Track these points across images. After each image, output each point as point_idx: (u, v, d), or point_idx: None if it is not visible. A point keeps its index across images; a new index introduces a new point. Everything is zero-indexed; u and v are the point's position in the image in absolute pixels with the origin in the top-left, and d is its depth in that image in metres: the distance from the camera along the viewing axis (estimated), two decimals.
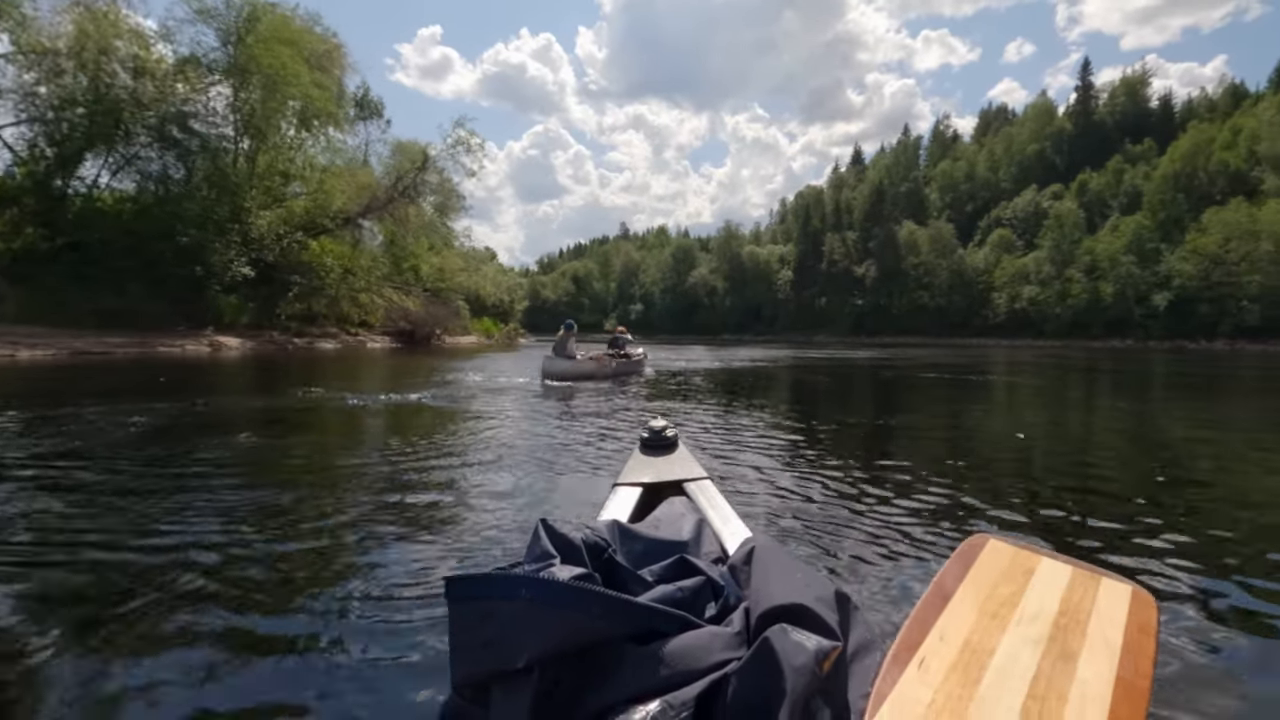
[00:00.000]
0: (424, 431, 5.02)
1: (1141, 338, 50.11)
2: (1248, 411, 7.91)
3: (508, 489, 3.19)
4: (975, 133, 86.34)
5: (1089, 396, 9.58)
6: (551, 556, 1.05)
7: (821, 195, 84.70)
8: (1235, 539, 2.52)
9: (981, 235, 68.42)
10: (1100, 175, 62.11)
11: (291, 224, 22.14)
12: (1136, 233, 52.95)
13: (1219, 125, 56.01)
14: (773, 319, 79.08)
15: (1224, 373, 16.01)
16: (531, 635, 0.83)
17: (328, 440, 4.91)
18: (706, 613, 1.04)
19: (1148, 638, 0.95)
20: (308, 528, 2.55)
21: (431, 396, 7.60)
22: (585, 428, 5.28)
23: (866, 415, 6.83)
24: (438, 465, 3.71)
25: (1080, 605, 1.01)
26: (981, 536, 1.22)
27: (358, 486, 3.21)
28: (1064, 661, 0.90)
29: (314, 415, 6.16)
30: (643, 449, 2.21)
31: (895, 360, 19.83)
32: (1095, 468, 4.12)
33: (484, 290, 36.52)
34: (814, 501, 3.00)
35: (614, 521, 1.34)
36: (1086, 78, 73.07)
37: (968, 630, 0.98)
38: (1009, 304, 59.74)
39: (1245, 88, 62.57)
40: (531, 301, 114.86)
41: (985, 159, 76.81)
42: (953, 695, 0.85)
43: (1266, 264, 43.91)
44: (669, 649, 0.86)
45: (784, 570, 1.06)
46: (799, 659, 0.80)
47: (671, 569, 1.16)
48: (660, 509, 1.69)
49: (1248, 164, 51.43)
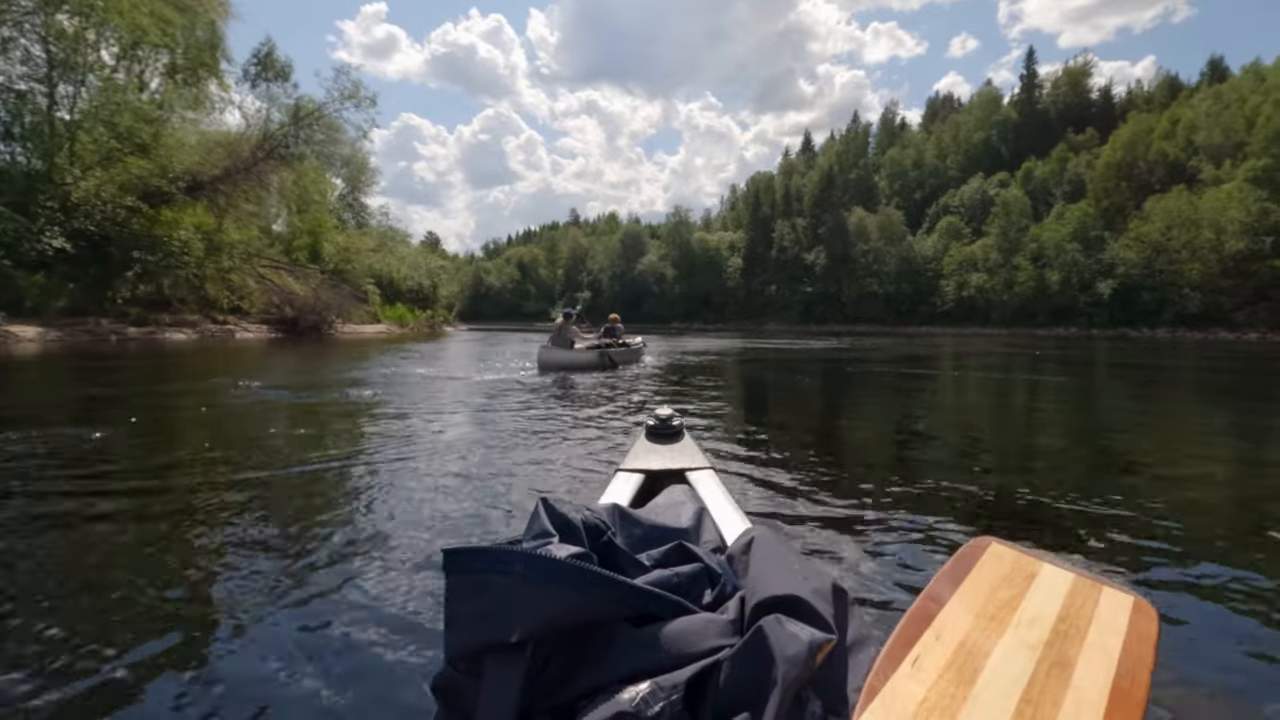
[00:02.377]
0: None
1: (1085, 326, 50.04)
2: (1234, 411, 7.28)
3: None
4: (923, 121, 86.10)
5: (1071, 392, 9.03)
6: (550, 535, 1.06)
7: (772, 181, 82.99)
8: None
9: (930, 223, 67.91)
10: (1045, 163, 62.15)
11: (134, 189, 17.99)
12: (1081, 220, 52.87)
13: (1157, 116, 56.51)
14: (722, 307, 77.40)
15: (1186, 364, 14.75)
16: (526, 610, 0.83)
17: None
18: (703, 600, 1.04)
19: (1147, 649, 0.94)
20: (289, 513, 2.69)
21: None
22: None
23: (846, 413, 6.65)
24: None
25: (1080, 613, 1.00)
26: (984, 539, 1.21)
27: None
28: (1060, 668, 0.89)
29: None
30: (648, 436, 2.22)
31: (854, 352, 17.60)
32: (1104, 467, 4.06)
33: (397, 273, 32.65)
34: (810, 498, 3.01)
35: (614, 505, 1.35)
36: (1031, 67, 73.27)
37: (964, 631, 0.97)
38: (957, 291, 59.23)
39: (1181, 80, 63.81)
40: (475, 289, 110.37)
41: (933, 146, 76.44)
42: (945, 694, 0.85)
43: (1207, 252, 44.00)
44: (663, 632, 0.87)
45: (781, 561, 1.05)
46: (792, 649, 0.80)
47: (669, 555, 1.17)
48: (661, 496, 1.73)
49: (1185, 153, 51.90)
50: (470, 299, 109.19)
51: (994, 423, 6.10)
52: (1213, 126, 50.09)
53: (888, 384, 9.68)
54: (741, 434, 4.74)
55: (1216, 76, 59.95)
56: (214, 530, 2.47)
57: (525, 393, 7.22)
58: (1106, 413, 6.98)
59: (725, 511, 1.58)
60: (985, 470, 3.86)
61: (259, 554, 2.20)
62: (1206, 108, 51.86)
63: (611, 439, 4.39)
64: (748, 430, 4.96)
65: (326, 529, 2.46)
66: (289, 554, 2.21)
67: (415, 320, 32.82)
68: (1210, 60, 62.03)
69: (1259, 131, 45.86)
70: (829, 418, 6.14)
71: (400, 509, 2.73)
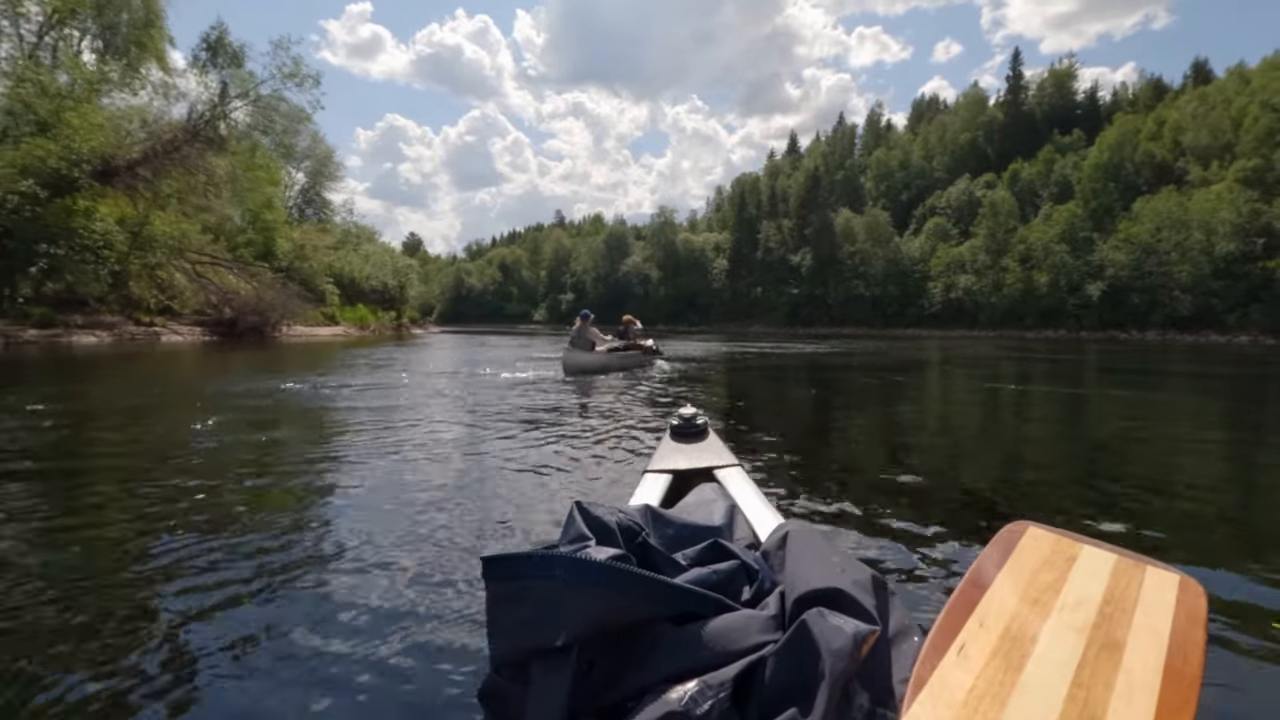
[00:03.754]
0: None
1: (1075, 328, 49.16)
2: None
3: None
4: (909, 122, 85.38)
5: (1070, 391, 9.06)
6: (587, 538, 1.07)
7: (758, 182, 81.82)
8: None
9: (916, 224, 66.96)
10: (1031, 165, 61.38)
11: (38, 174, 15.93)
12: (1070, 221, 52.03)
13: (1143, 117, 55.97)
14: (707, 308, 76.09)
15: (1177, 369, 13.70)
16: (568, 614, 0.84)
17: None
18: (742, 596, 1.04)
19: (1197, 627, 0.92)
20: (334, 511, 2.70)
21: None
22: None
23: (856, 414, 6.45)
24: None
25: (1125, 593, 0.99)
26: (1020, 524, 1.19)
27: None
28: (1109, 650, 0.88)
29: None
30: (673, 436, 2.21)
31: (845, 356, 16.14)
32: (1125, 461, 4.08)
33: (358, 272, 30.70)
34: (837, 493, 2.98)
35: (646, 506, 1.34)
36: (1017, 68, 72.63)
37: (1008, 617, 0.95)
38: (944, 293, 58.22)
39: (1165, 83, 63.44)
40: (456, 290, 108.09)
41: (920, 147, 75.61)
42: (994, 681, 0.83)
43: (1197, 253, 43.17)
44: (706, 630, 0.87)
45: (819, 555, 1.05)
46: (837, 642, 0.80)
47: (705, 553, 1.16)
48: (691, 495, 1.70)
49: (1172, 155, 51.32)
50: (451, 300, 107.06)
51: (1001, 421, 6.10)
52: (1199, 128, 49.55)
53: (886, 387, 9.30)
54: (759, 434, 4.69)
55: (1201, 79, 59.59)
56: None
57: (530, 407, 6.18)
58: (1105, 409, 6.85)
59: (757, 508, 1.57)
60: (1005, 462, 3.89)
61: (263, 566, 2.08)
62: (1193, 109, 51.39)
63: (635, 442, 4.22)
64: (765, 431, 4.90)
65: (316, 546, 2.31)
66: (307, 568, 2.08)
67: (378, 322, 30.82)
68: (1194, 63, 61.77)
69: (1247, 132, 45.28)
70: (840, 418, 6.08)
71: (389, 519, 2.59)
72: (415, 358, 14.26)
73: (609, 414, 5.56)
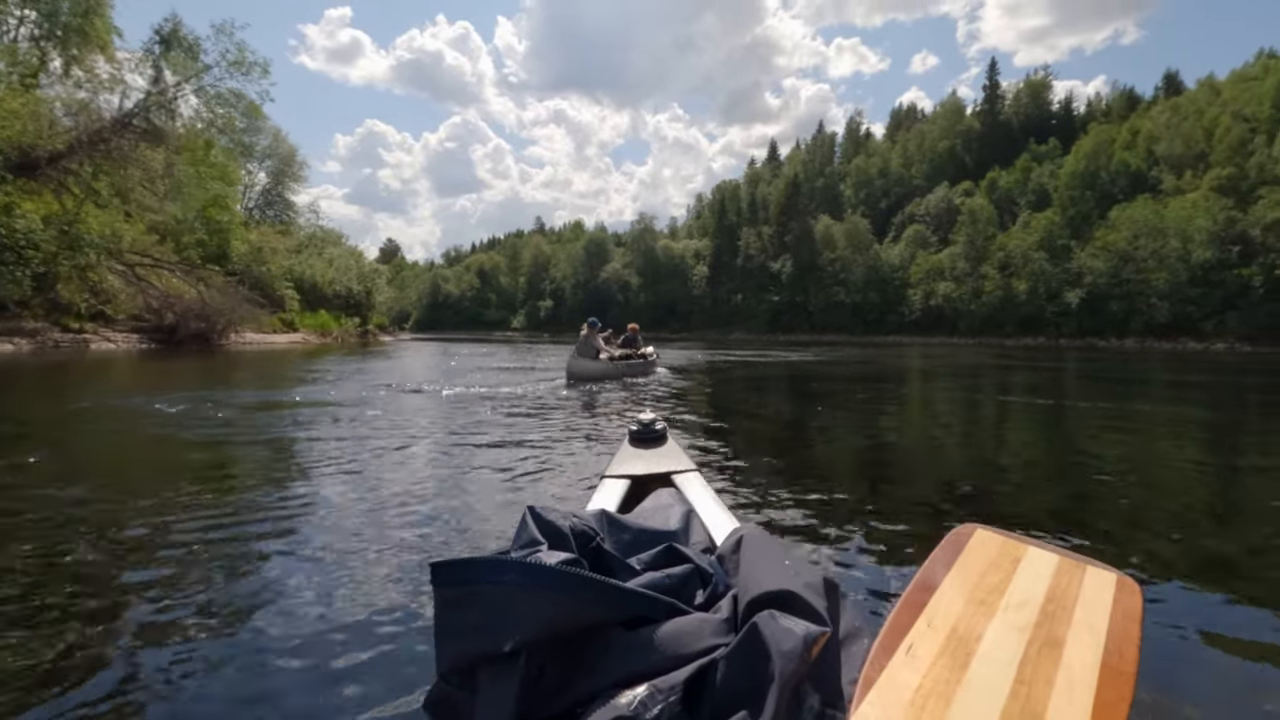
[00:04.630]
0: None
1: (1054, 335, 49.15)
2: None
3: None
4: (888, 130, 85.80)
5: (1051, 399, 8.92)
6: (539, 543, 1.06)
7: (738, 189, 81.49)
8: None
9: (896, 231, 66.98)
10: (1009, 173, 61.71)
11: None
12: (1048, 229, 52.15)
13: (1117, 127, 56.55)
14: (688, 315, 75.30)
15: (1156, 377, 13.25)
16: (518, 619, 0.83)
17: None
18: (695, 600, 1.04)
19: (1133, 624, 0.95)
20: (282, 516, 2.59)
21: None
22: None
23: (826, 418, 6.42)
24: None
25: (1066, 592, 1.02)
26: (969, 526, 1.22)
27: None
28: (1050, 648, 0.91)
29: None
30: (632, 441, 2.18)
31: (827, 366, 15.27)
32: (1069, 466, 4.09)
33: (321, 277, 29.22)
34: (796, 496, 3.01)
35: (602, 511, 1.34)
36: (994, 78, 73.30)
37: (955, 617, 0.98)
38: (924, 301, 58.06)
39: (1139, 94, 64.34)
40: (433, 297, 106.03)
41: (898, 155, 75.90)
42: (940, 680, 0.85)
43: (1174, 261, 43.30)
44: (658, 634, 0.87)
45: (772, 558, 1.04)
46: (787, 644, 0.80)
47: (660, 557, 1.16)
48: (648, 500, 1.71)
49: (1146, 164, 51.79)
50: (428, 307, 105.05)
51: (967, 428, 6.11)
52: (1173, 137, 50.10)
53: (859, 395, 9.13)
54: (725, 439, 4.69)
55: (1172, 90, 60.51)
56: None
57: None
58: (1074, 418, 6.74)
59: (713, 512, 1.56)
60: (962, 467, 3.98)
61: (210, 578, 2.01)
62: (1165, 119, 51.97)
63: (602, 446, 4.18)
64: (730, 436, 4.91)
65: (280, 552, 2.22)
66: (251, 576, 2.03)
67: (342, 329, 29.30)
68: (1166, 74, 62.83)
69: (1220, 141, 45.75)
70: (808, 425, 6.02)
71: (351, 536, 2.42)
72: (365, 368, 13.03)
73: (570, 424, 5.38)
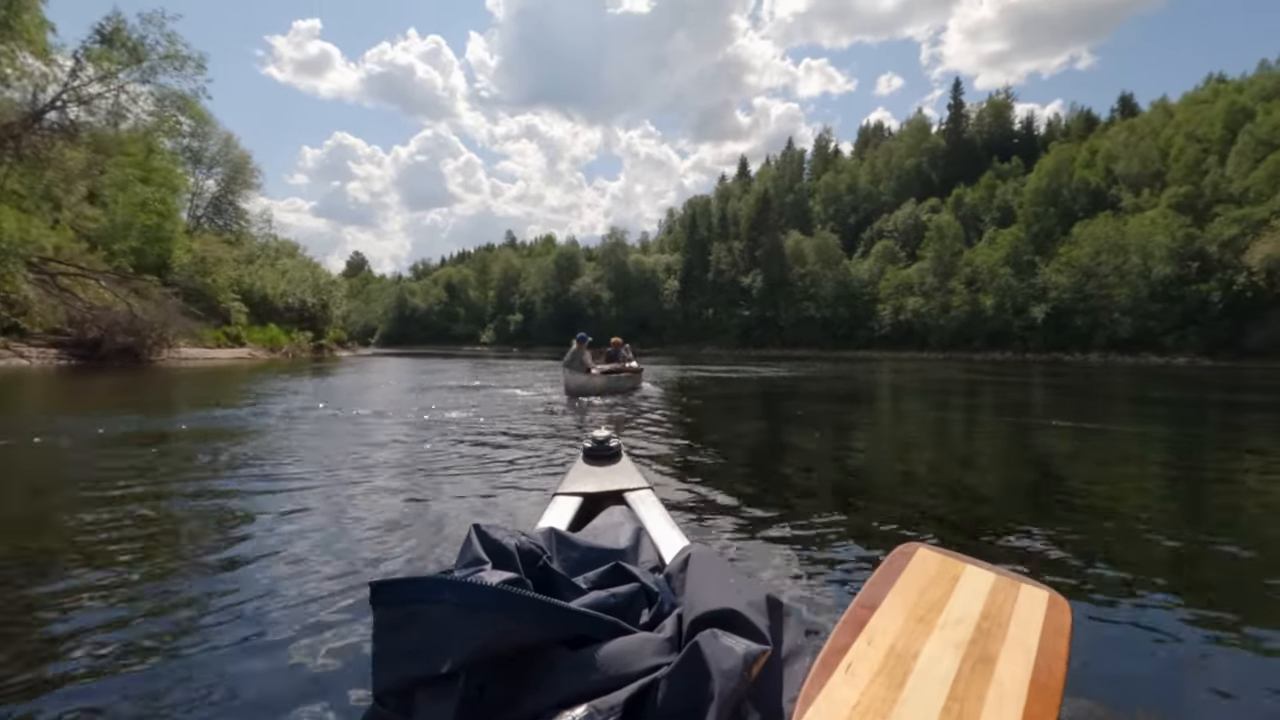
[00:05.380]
0: None
1: (1020, 350, 49.68)
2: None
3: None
4: (856, 148, 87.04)
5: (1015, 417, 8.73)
6: (483, 562, 1.04)
7: (709, 204, 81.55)
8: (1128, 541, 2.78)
9: (865, 247, 67.55)
10: (974, 190, 62.79)
11: None
12: (1013, 245, 52.96)
13: (1077, 146, 58.02)
14: (660, 330, 74.57)
15: (1119, 392, 13.02)
16: (456, 639, 0.82)
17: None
18: (640, 619, 1.04)
19: (1062, 640, 0.98)
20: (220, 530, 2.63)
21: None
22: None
23: (785, 434, 6.49)
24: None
25: (1001, 610, 1.04)
26: (911, 545, 1.23)
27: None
28: (983, 664, 0.92)
29: None
30: (585, 459, 2.18)
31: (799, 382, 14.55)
32: (1015, 484, 4.19)
33: (272, 288, 27.58)
34: (748, 514, 3.03)
35: (550, 529, 1.33)
36: (958, 96, 74.88)
37: (894, 635, 0.99)
38: (894, 315, 58.40)
39: (1095, 115, 66.37)
40: (399, 311, 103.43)
41: (866, 172, 76.86)
42: (877, 698, 0.87)
43: (1135, 277, 44.13)
44: (599, 654, 0.86)
45: (718, 576, 1.04)
46: (727, 663, 0.79)
47: (606, 576, 1.15)
48: (599, 518, 1.70)
49: (1106, 182, 53.11)
50: (395, 321, 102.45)
51: (927, 444, 6.04)
52: (1130, 156, 51.46)
53: (822, 412, 9.03)
54: (682, 457, 4.69)
55: (1128, 111, 62.52)
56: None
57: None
58: (1035, 435, 6.69)
59: (663, 530, 1.55)
60: (918, 485, 3.99)
61: (144, 596, 1.98)
62: (1123, 139, 53.44)
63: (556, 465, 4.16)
64: (689, 451, 4.90)
65: (222, 572, 2.20)
66: (185, 594, 1.99)
67: (293, 344, 27.58)
68: (1121, 97, 64.92)
69: (1176, 160, 47.06)
70: (767, 442, 5.94)
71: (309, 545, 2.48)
72: (299, 388, 11.79)
73: (525, 436, 5.31)
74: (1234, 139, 44.17)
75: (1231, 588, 2.30)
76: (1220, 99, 48.41)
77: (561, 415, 7.38)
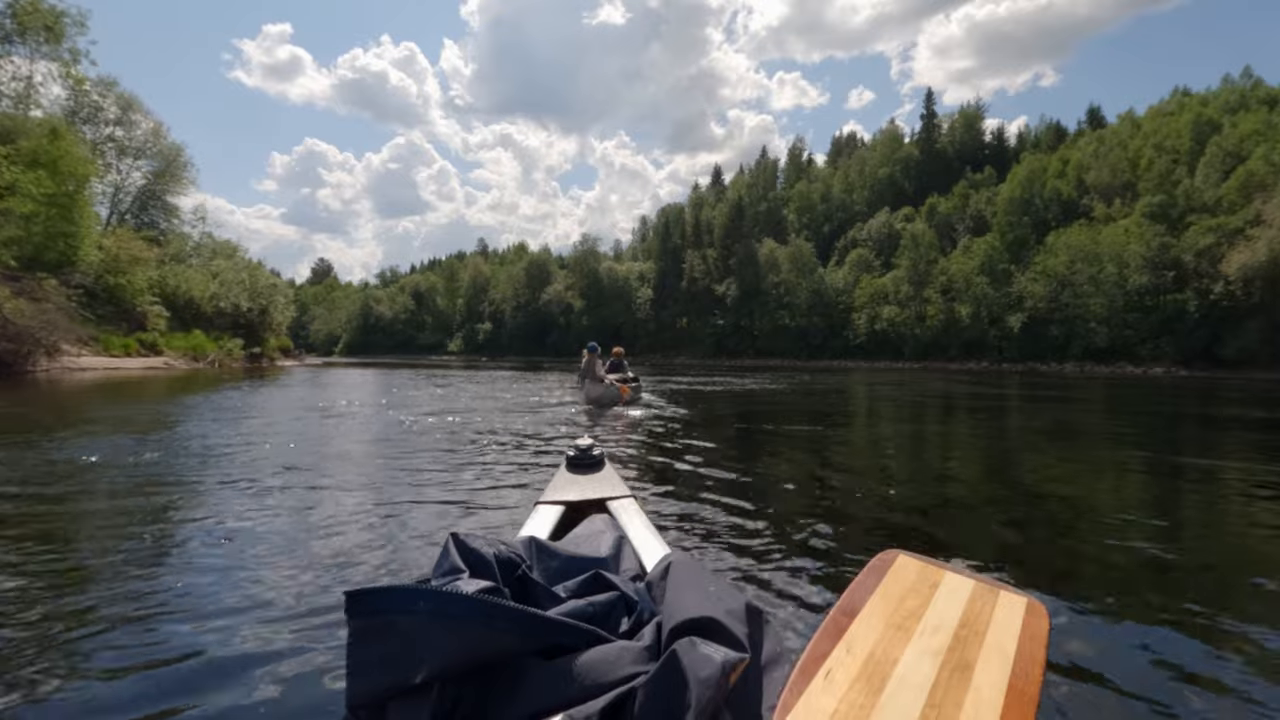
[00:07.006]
0: None
1: (996, 359, 48.95)
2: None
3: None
4: (829, 157, 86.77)
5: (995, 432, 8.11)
6: (460, 571, 1.03)
7: (682, 213, 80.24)
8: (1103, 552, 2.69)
9: (839, 255, 66.73)
10: (948, 200, 62.40)
11: None
12: (988, 254, 52.38)
13: (1048, 157, 58.04)
14: (633, 339, 72.75)
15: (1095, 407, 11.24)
16: (431, 650, 0.80)
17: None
18: (620, 628, 1.03)
19: (1039, 647, 0.98)
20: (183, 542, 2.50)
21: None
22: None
23: (765, 445, 6.36)
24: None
25: (980, 617, 1.04)
26: (891, 552, 1.23)
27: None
28: (961, 671, 0.93)
29: None
30: (569, 467, 2.18)
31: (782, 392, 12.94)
32: (1001, 494, 4.13)
33: (199, 291, 25.05)
34: (730, 523, 3.00)
35: (530, 538, 1.32)
36: (930, 106, 74.89)
37: (873, 642, 1.00)
38: (869, 325, 57.44)
39: (1065, 127, 66.76)
40: (364, 319, 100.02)
41: (840, 181, 76.32)
42: (855, 705, 0.87)
43: (1110, 286, 43.65)
44: (577, 663, 0.85)
45: (697, 585, 1.03)
46: (705, 671, 0.79)
47: (586, 585, 1.15)
48: (581, 526, 1.68)
49: (1077, 191, 53.01)
50: (359, 330, 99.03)
51: (905, 453, 5.96)
52: (1101, 167, 51.38)
53: (800, 426, 8.28)
54: (665, 464, 4.73)
55: (1096, 123, 62.97)
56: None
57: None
58: (1011, 444, 6.66)
59: (645, 539, 1.55)
60: (898, 493, 3.93)
61: (110, 600, 1.94)
62: (1094, 150, 53.47)
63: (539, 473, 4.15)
64: (670, 461, 4.91)
65: (192, 583, 2.10)
66: (158, 603, 1.93)
67: (221, 352, 25.03)
68: (1089, 109, 65.52)
69: (1147, 170, 46.92)
70: (746, 453, 5.75)
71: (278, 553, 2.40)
72: (196, 411, 9.66)
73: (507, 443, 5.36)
74: (1202, 150, 44.21)
75: (1209, 594, 2.24)
76: (1185, 111, 48.61)
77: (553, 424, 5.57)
